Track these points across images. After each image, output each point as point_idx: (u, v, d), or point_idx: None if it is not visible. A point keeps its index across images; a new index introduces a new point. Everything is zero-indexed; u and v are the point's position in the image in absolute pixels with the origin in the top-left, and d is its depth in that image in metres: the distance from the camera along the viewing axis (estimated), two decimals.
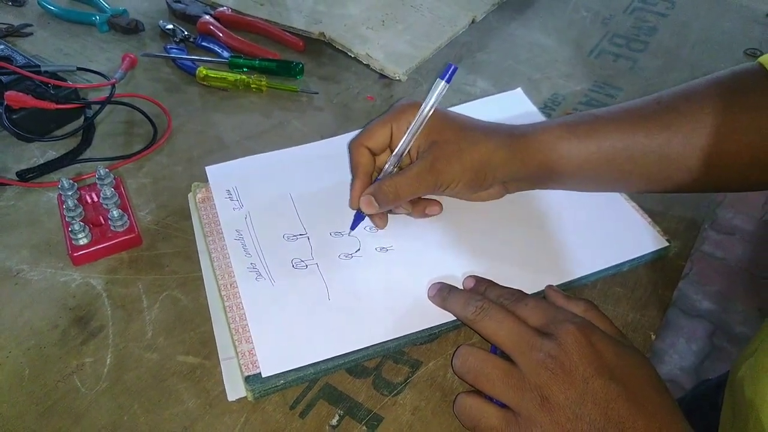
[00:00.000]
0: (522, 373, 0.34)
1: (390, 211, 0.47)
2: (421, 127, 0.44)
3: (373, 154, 0.45)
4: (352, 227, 0.46)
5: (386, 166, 0.45)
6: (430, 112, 0.43)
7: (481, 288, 0.41)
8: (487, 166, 0.43)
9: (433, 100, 0.43)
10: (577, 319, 0.35)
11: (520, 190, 0.48)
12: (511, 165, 0.44)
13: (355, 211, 0.46)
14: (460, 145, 0.43)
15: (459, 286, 0.42)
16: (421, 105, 0.44)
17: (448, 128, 0.44)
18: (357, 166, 0.45)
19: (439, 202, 0.48)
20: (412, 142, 0.44)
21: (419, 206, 0.47)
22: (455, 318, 0.40)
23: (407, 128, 0.44)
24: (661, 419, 0.32)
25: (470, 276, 0.42)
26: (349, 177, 0.50)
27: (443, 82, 0.43)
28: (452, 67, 0.43)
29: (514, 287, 0.40)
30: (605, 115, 0.45)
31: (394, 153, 0.45)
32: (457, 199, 0.49)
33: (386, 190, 0.42)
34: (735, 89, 0.42)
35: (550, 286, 0.42)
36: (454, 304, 0.39)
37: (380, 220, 0.46)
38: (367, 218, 0.46)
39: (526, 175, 0.45)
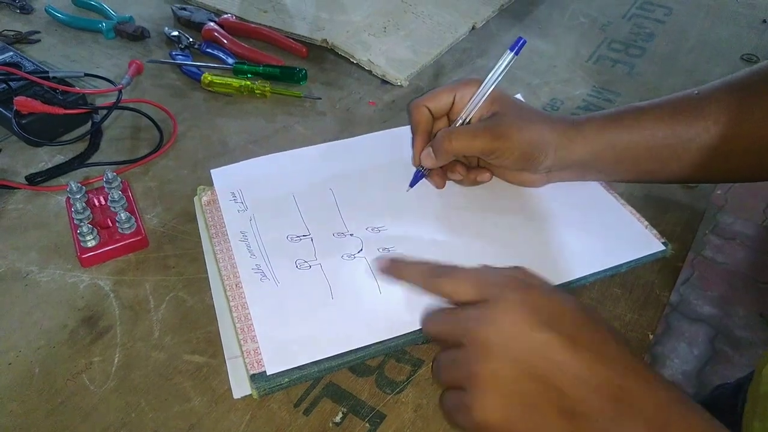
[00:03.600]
0: (467, 353, 0.32)
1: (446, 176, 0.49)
2: (486, 96, 0.46)
3: (433, 117, 0.47)
4: (412, 184, 0.49)
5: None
6: (498, 80, 0.45)
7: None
8: (541, 146, 0.45)
9: (502, 68, 0.45)
10: (506, 276, 0.35)
11: (561, 180, 0.50)
12: (561, 150, 0.46)
13: (415, 169, 0.49)
14: (520, 121, 0.45)
15: None
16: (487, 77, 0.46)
17: (510, 104, 0.47)
18: (418, 123, 0.48)
19: (489, 169, 0.49)
20: (475, 112, 0.46)
21: (471, 174, 0.49)
22: None
23: (470, 99, 0.46)
24: (603, 353, 0.30)
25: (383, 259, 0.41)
26: (351, 178, 0.51)
27: (511, 54, 0.45)
28: (522, 41, 0.45)
29: None
30: (648, 107, 0.47)
31: (459, 117, 0.47)
32: (456, 200, 0.50)
33: (441, 138, 0.45)
34: None
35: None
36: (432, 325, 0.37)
37: (440, 178, 0.48)
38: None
39: (572, 162, 0.47)
